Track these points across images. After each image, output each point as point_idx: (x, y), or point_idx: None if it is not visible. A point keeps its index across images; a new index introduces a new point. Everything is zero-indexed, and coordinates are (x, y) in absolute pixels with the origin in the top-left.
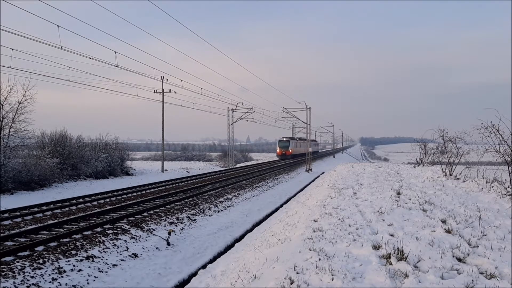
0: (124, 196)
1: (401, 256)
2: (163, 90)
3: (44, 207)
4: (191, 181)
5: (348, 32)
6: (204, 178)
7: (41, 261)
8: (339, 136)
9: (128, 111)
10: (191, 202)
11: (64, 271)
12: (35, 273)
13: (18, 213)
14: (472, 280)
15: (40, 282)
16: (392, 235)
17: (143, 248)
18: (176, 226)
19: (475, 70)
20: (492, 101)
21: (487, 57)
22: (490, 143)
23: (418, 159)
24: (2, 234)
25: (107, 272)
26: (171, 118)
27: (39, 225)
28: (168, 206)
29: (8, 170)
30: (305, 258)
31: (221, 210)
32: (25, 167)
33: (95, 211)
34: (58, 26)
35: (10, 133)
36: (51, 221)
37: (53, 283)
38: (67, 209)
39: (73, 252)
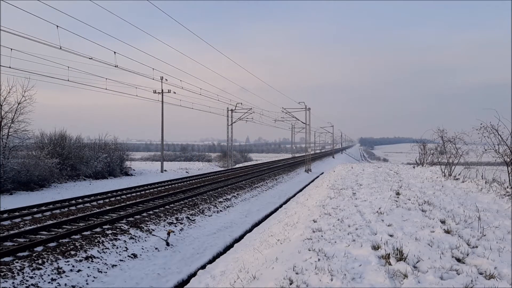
0: (124, 196)
1: (401, 257)
2: (162, 90)
3: (43, 208)
4: (191, 182)
5: (348, 32)
6: (203, 179)
7: (40, 261)
8: (338, 137)
9: (128, 111)
10: (191, 203)
11: (63, 272)
12: (34, 274)
13: (17, 214)
14: (472, 281)
15: (39, 282)
16: (391, 236)
17: (142, 249)
18: (175, 226)
19: (475, 70)
20: (492, 101)
21: (487, 57)
22: (489, 144)
23: (417, 159)
24: (1, 235)
25: (106, 272)
26: (171, 119)
27: (38, 225)
28: (167, 207)
29: (8, 171)
30: (304, 259)
31: (221, 211)
32: (24, 168)
33: (94, 211)
34: (57, 26)
35: (9, 134)
36: (50, 222)
37: (52, 283)
38: (66, 209)
39: (72, 252)
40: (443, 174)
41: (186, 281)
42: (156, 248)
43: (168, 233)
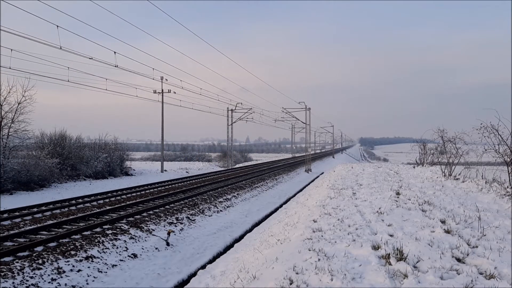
0: (124, 196)
1: (401, 257)
2: (162, 90)
3: (44, 208)
4: (191, 182)
5: (348, 33)
6: (203, 179)
7: (40, 261)
8: (338, 137)
9: (128, 112)
10: (191, 203)
11: (64, 272)
12: (34, 274)
13: (17, 214)
14: (472, 280)
15: (39, 282)
16: (391, 236)
17: (143, 249)
18: (175, 226)
19: (475, 70)
20: (491, 101)
21: (487, 57)
22: (489, 144)
23: (417, 159)
24: (1, 235)
25: (106, 272)
26: (171, 119)
27: (39, 225)
28: (167, 207)
29: (8, 171)
30: (304, 259)
31: (221, 211)
32: (24, 168)
33: (95, 211)
34: (57, 26)
35: (10, 134)
36: (51, 222)
37: (52, 283)
38: (66, 209)
39: (73, 252)
40: (443, 174)
41: (186, 281)
42: (156, 248)
43: (168, 233)
